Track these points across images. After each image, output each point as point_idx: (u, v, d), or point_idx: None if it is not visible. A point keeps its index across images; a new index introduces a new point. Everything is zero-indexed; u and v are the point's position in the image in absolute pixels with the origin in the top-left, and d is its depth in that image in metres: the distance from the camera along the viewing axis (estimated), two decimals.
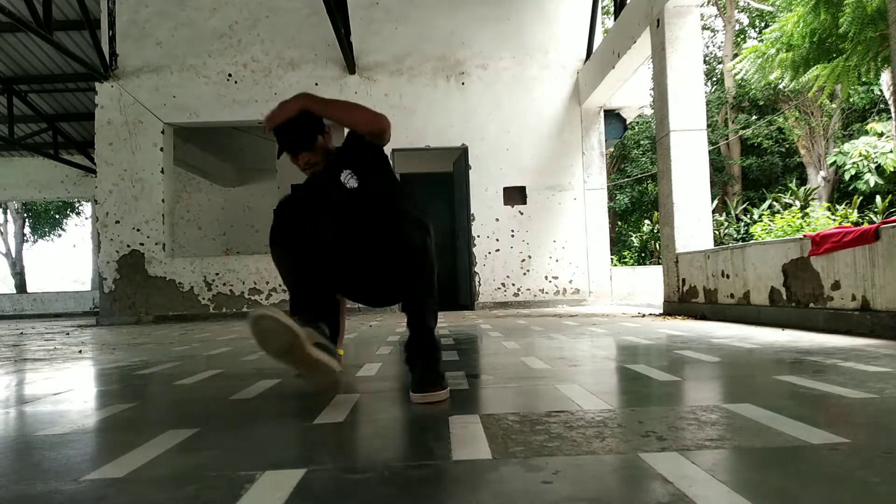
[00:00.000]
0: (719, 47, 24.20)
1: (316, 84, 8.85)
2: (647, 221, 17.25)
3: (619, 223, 20.85)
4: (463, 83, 8.96)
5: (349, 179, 2.24)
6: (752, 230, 13.39)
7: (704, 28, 24.06)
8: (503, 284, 8.84)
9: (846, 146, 15.83)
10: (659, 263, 13.51)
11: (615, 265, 14.45)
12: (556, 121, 9.00)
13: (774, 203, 15.66)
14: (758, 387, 2.00)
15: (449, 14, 9.04)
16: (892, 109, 12.39)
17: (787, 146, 20.48)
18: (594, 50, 8.61)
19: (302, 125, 2.21)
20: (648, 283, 12.05)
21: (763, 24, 19.75)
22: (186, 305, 8.66)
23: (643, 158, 20.26)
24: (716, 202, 16.29)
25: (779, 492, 1.01)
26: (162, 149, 8.82)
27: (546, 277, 8.88)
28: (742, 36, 22.33)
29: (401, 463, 1.26)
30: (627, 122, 9.81)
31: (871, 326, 3.35)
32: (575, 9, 9.09)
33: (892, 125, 13.78)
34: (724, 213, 16.30)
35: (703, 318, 5.20)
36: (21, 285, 22.58)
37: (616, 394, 1.96)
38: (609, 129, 9.31)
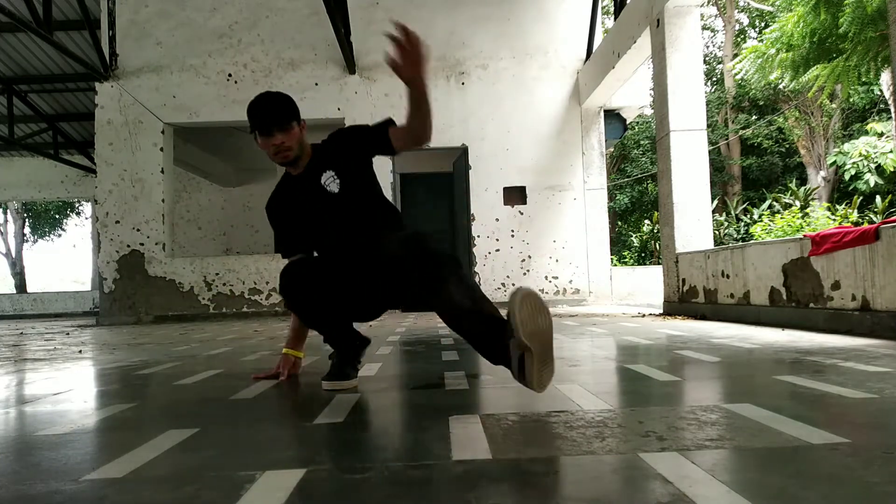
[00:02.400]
0: (719, 47, 24.20)
1: (316, 84, 8.85)
2: (647, 221, 17.24)
3: (619, 223, 20.85)
4: (463, 83, 8.96)
5: (330, 183, 2.24)
6: (752, 230, 13.39)
7: (704, 28, 24.05)
8: (503, 284, 8.83)
9: (846, 146, 15.83)
10: (659, 263, 13.51)
11: (615, 265, 14.45)
12: (556, 121, 8.99)
13: (774, 203, 15.65)
14: (758, 387, 2.00)
15: (449, 14, 9.04)
16: (892, 109, 12.39)
17: (787, 146, 20.48)
18: (594, 50, 8.61)
19: (281, 104, 2.18)
20: (648, 283, 12.04)
21: (763, 24, 19.75)
22: (186, 305, 8.66)
23: (643, 158, 20.26)
24: (716, 202, 16.28)
25: (779, 492, 1.01)
26: (162, 149, 8.82)
27: (546, 277, 8.87)
28: (742, 36, 22.33)
29: (401, 463, 1.25)
30: (627, 122, 9.81)
31: (871, 326, 3.35)
32: (575, 9, 9.09)
33: (892, 125, 13.78)
34: (724, 213, 16.30)
35: (703, 318, 5.20)
36: (21, 285, 22.58)
37: (616, 394, 1.96)
38: (609, 129, 9.31)
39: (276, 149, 2.18)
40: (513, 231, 8.88)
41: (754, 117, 20.69)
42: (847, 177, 15.50)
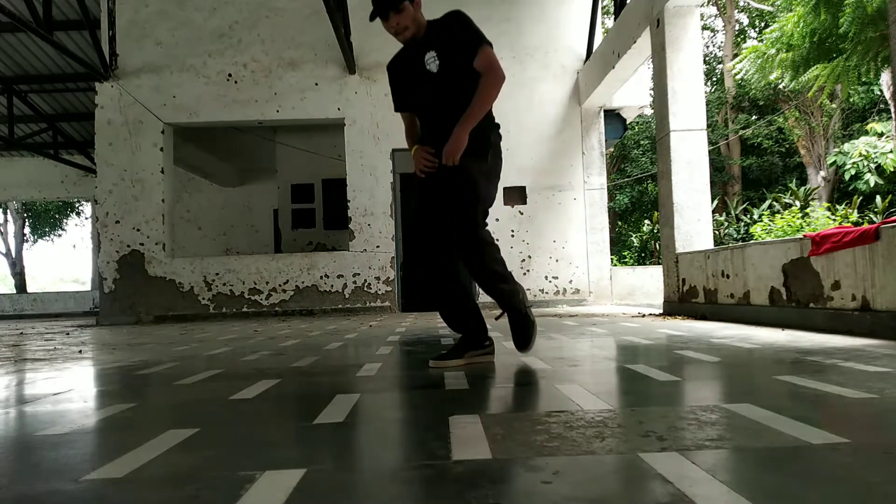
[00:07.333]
0: (719, 47, 24.19)
1: (316, 84, 8.85)
2: (647, 221, 17.23)
3: (619, 223, 20.84)
4: None
5: (431, 62, 2.49)
6: (752, 230, 13.37)
7: (704, 28, 24.04)
8: None
9: (846, 146, 15.82)
10: (659, 263, 13.49)
11: (615, 265, 14.43)
12: (556, 121, 8.99)
13: (774, 203, 15.64)
14: (758, 387, 2.00)
15: None
16: (892, 109, 12.38)
17: (787, 146, 20.46)
18: (594, 50, 8.61)
19: None
20: (648, 283, 12.03)
21: (763, 24, 19.74)
22: (186, 305, 8.66)
23: (643, 158, 20.25)
24: (716, 202, 16.25)
25: (779, 492, 1.01)
26: (162, 149, 8.82)
27: (546, 277, 8.87)
28: (742, 36, 22.31)
29: (401, 463, 1.25)
30: (627, 122, 9.81)
31: (871, 326, 3.35)
32: (575, 9, 9.09)
33: (892, 125, 13.78)
34: (724, 213, 16.28)
35: (703, 318, 5.20)
36: (21, 285, 22.59)
37: (616, 394, 1.96)
38: (609, 129, 9.31)
39: (394, 31, 2.45)
40: (513, 231, 8.88)
41: (754, 117, 20.69)
42: (847, 177, 15.50)
